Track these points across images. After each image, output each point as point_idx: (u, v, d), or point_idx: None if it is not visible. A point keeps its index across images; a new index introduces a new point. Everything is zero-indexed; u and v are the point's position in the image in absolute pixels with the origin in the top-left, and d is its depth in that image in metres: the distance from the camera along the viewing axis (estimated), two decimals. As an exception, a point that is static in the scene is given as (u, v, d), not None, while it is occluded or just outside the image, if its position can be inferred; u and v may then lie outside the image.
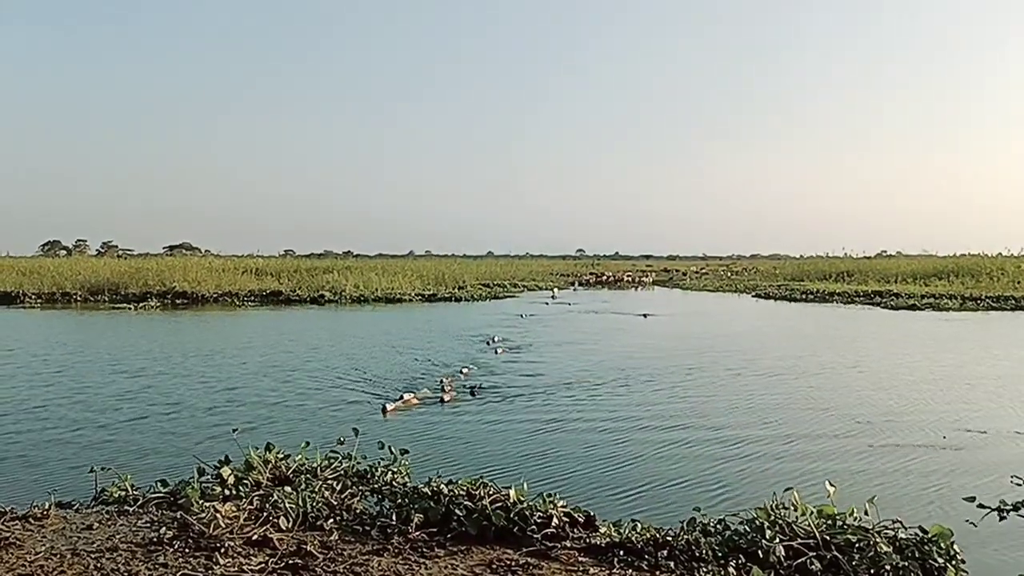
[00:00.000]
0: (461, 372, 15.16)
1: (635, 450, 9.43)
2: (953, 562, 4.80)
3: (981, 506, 6.65)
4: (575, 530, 5.47)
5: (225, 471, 6.26)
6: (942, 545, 4.86)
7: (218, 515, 5.22)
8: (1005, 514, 6.70)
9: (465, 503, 5.59)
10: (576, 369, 15.89)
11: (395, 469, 6.62)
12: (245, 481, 6.24)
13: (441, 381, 13.62)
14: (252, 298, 38.80)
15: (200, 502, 5.61)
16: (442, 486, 5.89)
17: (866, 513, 5.18)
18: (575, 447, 9.59)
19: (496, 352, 18.52)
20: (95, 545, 4.96)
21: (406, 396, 12.35)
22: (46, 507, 5.80)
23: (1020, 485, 7.35)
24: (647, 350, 19.28)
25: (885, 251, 78.88)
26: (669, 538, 5.13)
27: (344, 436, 7.12)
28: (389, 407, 11.60)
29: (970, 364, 16.91)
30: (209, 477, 6.43)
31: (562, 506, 5.67)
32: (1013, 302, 34.69)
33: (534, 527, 5.37)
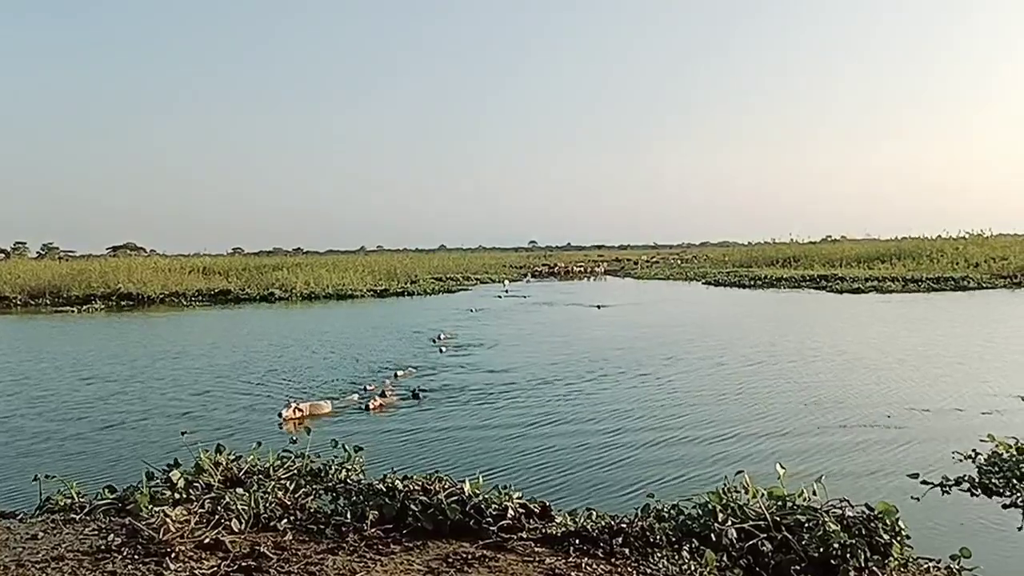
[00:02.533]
0: (396, 375, 14.46)
1: (588, 440, 9.50)
2: (898, 538, 4.93)
3: (924, 482, 6.87)
4: (531, 521, 5.49)
5: (175, 475, 6.14)
6: (888, 522, 4.98)
7: (168, 519, 5.11)
8: (948, 489, 6.94)
9: (420, 498, 5.57)
10: (524, 366, 15.50)
11: (349, 467, 6.57)
12: (196, 484, 6.13)
13: (365, 388, 12.91)
14: (200, 297, 38.16)
15: (149, 507, 5.50)
16: (397, 482, 5.85)
17: (815, 493, 5.30)
18: (525, 442, 9.55)
19: (441, 351, 17.97)
20: (40, 555, 4.83)
21: (301, 406, 11.21)
22: (-12, 518, 5.64)
23: (961, 461, 7.62)
24: (599, 343, 19.23)
25: (830, 236, 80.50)
26: (624, 525, 5.17)
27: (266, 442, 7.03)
28: (285, 413, 10.87)
29: (912, 345, 17.37)
30: (158, 481, 6.30)
31: (518, 498, 5.68)
32: (953, 283, 35.80)
33: (490, 519, 5.37)
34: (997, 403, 11.06)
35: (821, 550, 4.73)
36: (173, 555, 4.71)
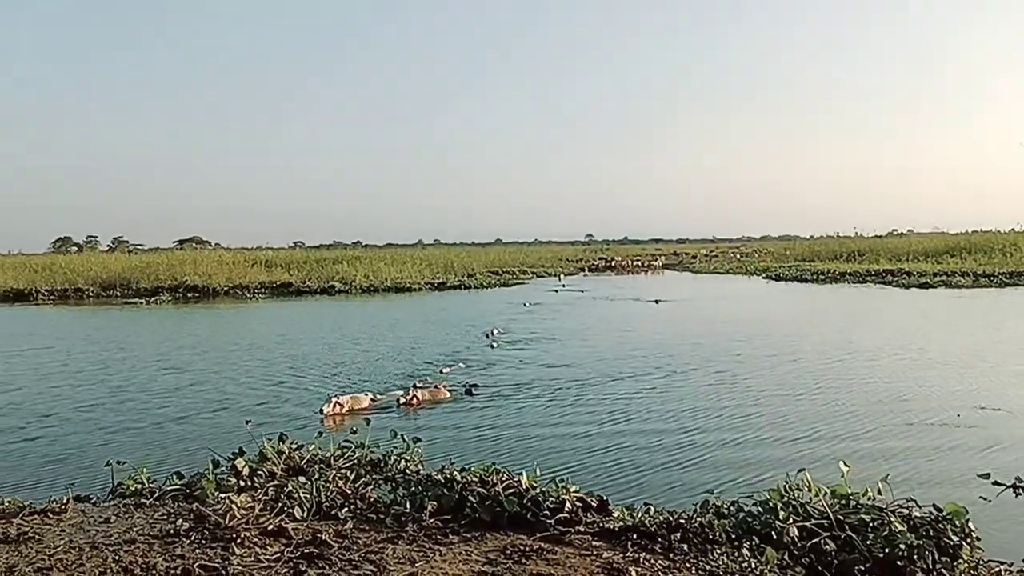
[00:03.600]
0: (442, 371, 14.24)
1: (648, 440, 9.33)
2: (968, 540, 4.79)
3: (996, 483, 6.64)
4: (588, 515, 5.48)
5: (239, 462, 6.30)
6: (957, 523, 4.84)
7: (233, 506, 5.25)
8: (1020, 491, 6.70)
9: (478, 490, 5.61)
10: (582, 362, 15.18)
11: (408, 457, 6.65)
12: (259, 472, 6.29)
13: (415, 384, 12.45)
14: (263, 290, 38.97)
15: (215, 493, 5.66)
16: (455, 473, 5.90)
17: (879, 492, 5.17)
18: (588, 441, 9.35)
19: (492, 346, 17.66)
20: (113, 538, 5.00)
21: (342, 399, 11.05)
22: (64, 501, 5.86)
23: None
24: (659, 339, 18.89)
25: (896, 230, 78.69)
26: (682, 521, 5.13)
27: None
28: (327, 409, 10.75)
29: (983, 341, 16.82)
30: (224, 469, 6.47)
31: (575, 491, 5.68)
32: (1027, 278, 34.46)
33: (547, 512, 5.38)
34: (1074, 403, 10.64)
35: (886, 550, 4.62)
36: (238, 540, 4.84)
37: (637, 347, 16.97)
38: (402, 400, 11.37)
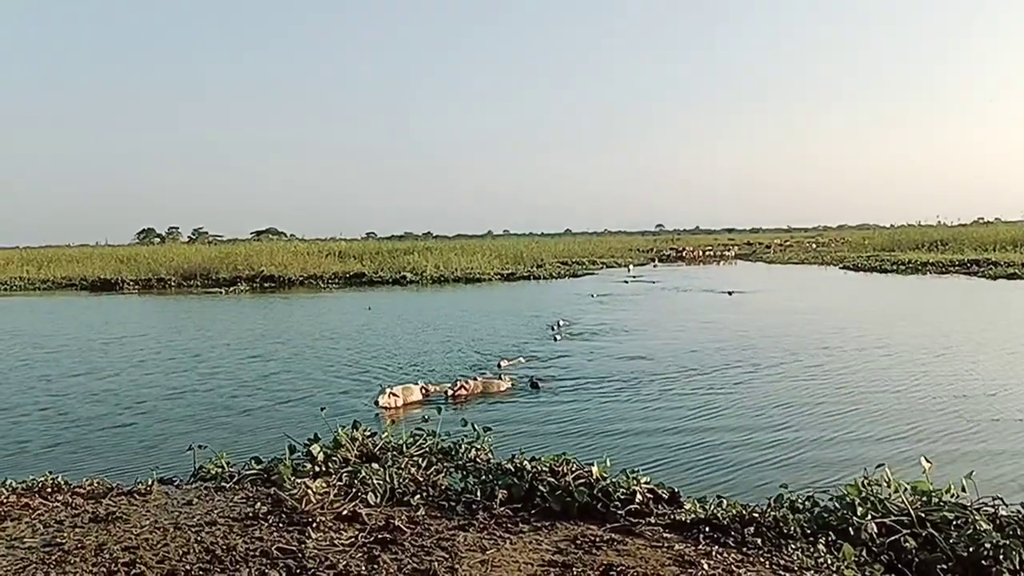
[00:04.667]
0: (500, 363, 13.88)
1: (721, 435, 9.15)
2: (1058, 541, 4.59)
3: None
4: (659, 506, 5.44)
5: (315, 448, 6.45)
6: (1047, 523, 4.65)
7: (309, 491, 5.38)
8: (1116, 491, 6.38)
9: (548, 479, 5.62)
10: (652, 356, 14.67)
11: (478, 446, 6.70)
12: (334, 458, 6.42)
13: (470, 377, 12.09)
14: (336, 280, 39.72)
15: (292, 479, 5.80)
16: (525, 463, 5.93)
17: (963, 490, 5.00)
18: (653, 435, 9.20)
19: (556, 339, 17.33)
20: (195, 519, 5.18)
21: (396, 389, 10.90)
22: (149, 483, 6.09)
23: None
24: (731, 331, 18.40)
25: (982, 218, 75.69)
26: (756, 515, 5.05)
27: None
28: (382, 400, 10.62)
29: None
30: (300, 455, 6.63)
31: (646, 483, 5.64)
32: (1125, 268, 32.72)
33: (618, 503, 5.36)
34: None
35: (970, 550, 4.46)
36: (314, 524, 4.96)
37: (708, 340, 16.67)
38: (451, 392, 11.28)
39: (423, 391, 11.38)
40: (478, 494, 5.62)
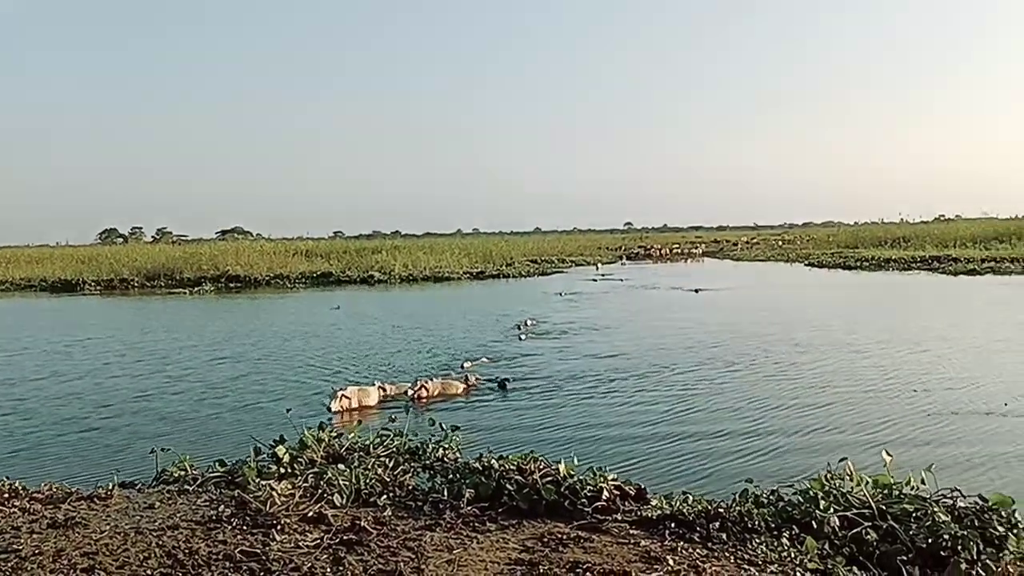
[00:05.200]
0: (463, 364, 13.57)
1: (688, 431, 9.19)
2: (1015, 531, 4.67)
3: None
4: (626, 503, 5.46)
5: (280, 450, 6.39)
6: (1003, 514, 4.73)
7: (274, 493, 5.33)
8: (1070, 481, 6.53)
9: (516, 478, 5.62)
10: (618, 353, 14.78)
11: (446, 445, 6.69)
12: (300, 460, 6.36)
13: (416, 380, 11.66)
14: (303, 280, 39.39)
15: (257, 480, 5.74)
16: (493, 461, 5.92)
17: (923, 482, 5.08)
18: (619, 433, 9.22)
19: (521, 339, 17.18)
20: (157, 523, 5.11)
21: (348, 392, 10.62)
22: (110, 487, 5.99)
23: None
24: (696, 331, 18.28)
25: (943, 215, 76.94)
26: (721, 510, 5.08)
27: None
28: (333, 405, 10.35)
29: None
30: (265, 456, 6.57)
31: (612, 480, 5.66)
32: (1080, 264, 33.50)
33: (585, 501, 5.37)
34: None
35: (930, 541, 4.54)
36: (279, 526, 4.91)
37: (678, 338, 16.78)
38: (411, 393, 11.08)
39: (381, 392, 11.16)
40: (445, 494, 5.61)
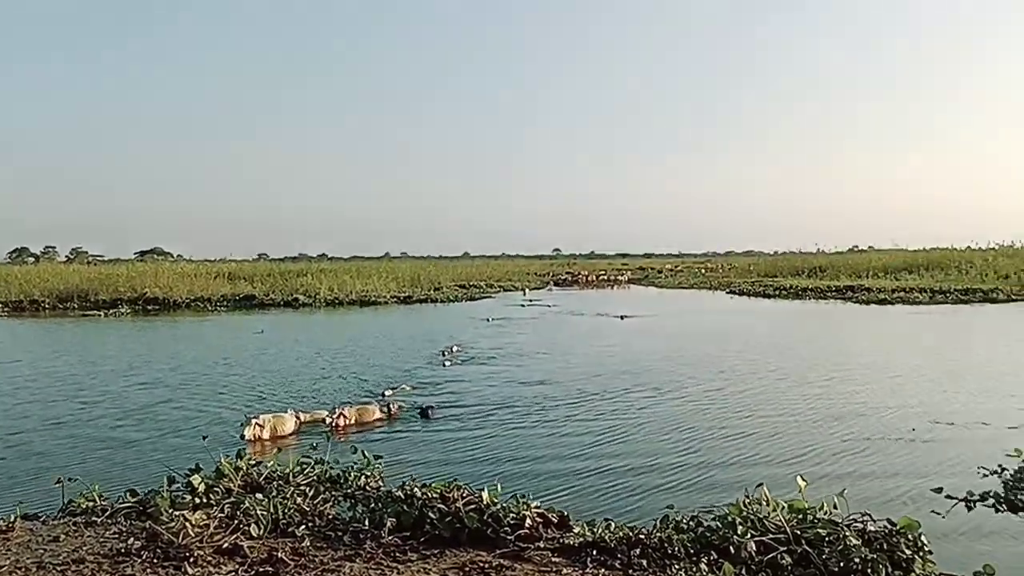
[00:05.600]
0: (384, 393, 13.40)
1: (611, 457, 9.34)
2: (920, 553, 4.84)
3: (949, 497, 6.75)
4: (549, 531, 5.46)
5: (195, 479, 6.18)
6: (910, 537, 4.90)
7: (187, 524, 5.15)
8: (972, 504, 6.80)
9: (438, 506, 5.56)
10: (542, 379, 14.83)
11: (368, 473, 6.58)
12: (216, 489, 6.17)
13: (334, 408, 11.51)
14: (225, 303, 38.51)
15: (169, 511, 5.54)
16: (415, 489, 5.85)
17: (836, 507, 5.22)
18: (542, 460, 9.26)
19: (445, 365, 17.08)
20: (61, 557, 4.88)
21: (261, 419, 10.39)
22: (11, 520, 5.70)
23: (986, 476, 7.48)
24: (623, 357, 18.59)
25: (857, 246, 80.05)
26: (642, 536, 5.13)
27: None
28: (247, 433, 10.08)
29: (938, 357, 17.14)
30: (180, 486, 6.35)
31: (536, 507, 5.66)
32: (981, 295, 35.23)
33: (508, 528, 5.35)
34: (1024, 417, 10.89)
35: (842, 564, 4.67)
36: (192, 559, 4.75)
37: (603, 364, 17.01)
38: (328, 421, 10.88)
39: (296, 420, 10.91)
40: (366, 523, 5.51)
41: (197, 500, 5.93)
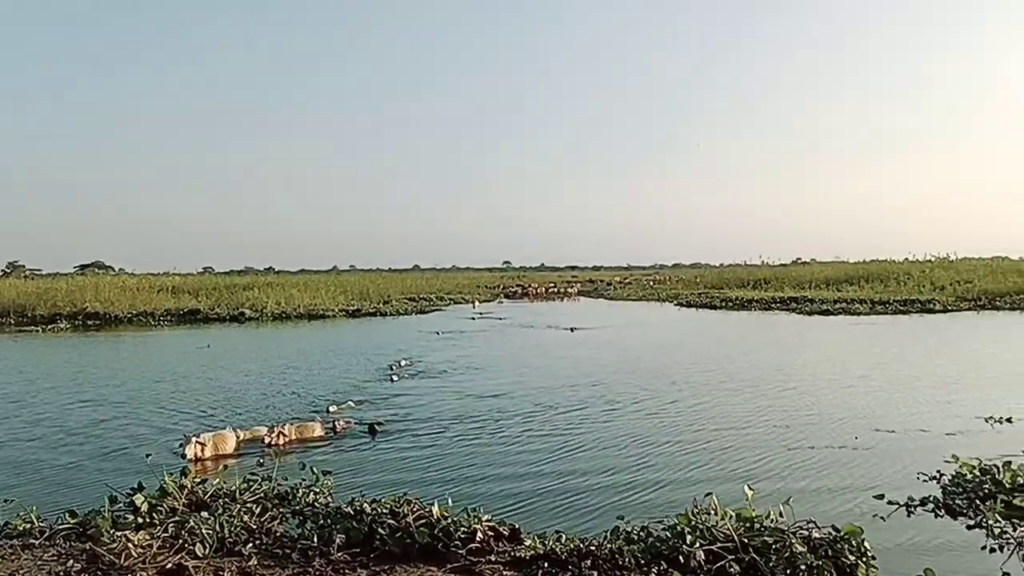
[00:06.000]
0: (328, 409, 13.08)
1: (563, 469, 9.32)
2: (864, 559, 4.97)
3: (890, 503, 6.93)
4: (500, 544, 5.47)
5: (138, 498, 6.04)
6: (853, 543, 5.02)
7: (130, 544, 5.04)
8: (912, 510, 6.99)
9: (388, 521, 5.52)
10: (488, 395, 14.60)
11: (317, 490, 6.50)
12: (160, 508, 6.04)
13: (273, 426, 11.03)
14: (169, 317, 37.72)
15: (111, 531, 5.40)
16: (365, 505, 5.81)
17: (782, 515, 5.33)
18: (494, 473, 9.22)
19: (393, 380, 16.75)
20: (-4, 582, 4.73)
21: (203, 437, 10.00)
22: (-57, 544, 5.50)
23: (926, 482, 7.70)
24: (572, 370, 18.55)
25: (800, 258, 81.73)
26: (593, 548, 5.16)
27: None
28: (188, 452, 9.70)
29: (879, 366, 17.56)
30: (122, 506, 6.20)
31: (487, 520, 5.65)
32: (919, 305, 36.35)
33: (458, 543, 5.34)
34: (961, 424, 11.21)
35: (788, 571, 4.76)
36: (134, 581, 4.63)
37: (552, 377, 17.05)
38: (267, 439, 10.60)
39: (237, 438, 10.59)
40: (315, 540, 5.45)
41: (140, 520, 5.80)
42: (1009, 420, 11.37)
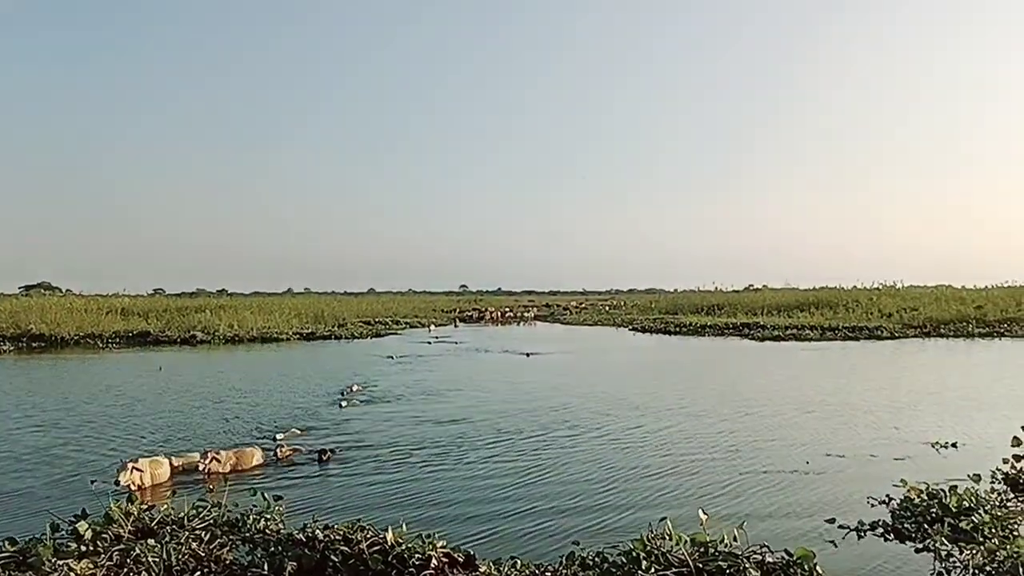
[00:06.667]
0: (276, 437, 12.70)
1: (512, 494, 9.32)
2: (816, 582, 5.02)
3: (841, 527, 7.04)
4: (455, 571, 5.41)
5: (82, 526, 5.86)
6: (806, 567, 5.08)
7: (71, 573, 4.88)
8: (863, 534, 7.10)
9: (342, 548, 5.45)
10: (445, 421, 14.49)
11: (268, 516, 6.37)
12: (104, 535, 5.86)
13: (207, 452, 10.66)
14: (117, 340, 36.91)
15: (52, 560, 5.24)
16: (317, 532, 5.71)
17: (736, 539, 5.37)
18: (446, 500, 9.21)
19: (341, 406, 16.42)
20: (-71, 614, 4.53)
21: (140, 463, 9.71)
22: None
23: (875, 506, 7.83)
24: (531, 395, 18.37)
25: (752, 285, 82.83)
26: (548, 574, 5.14)
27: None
28: (123, 478, 9.32)
29: (828, 392, 17.87)
30: (64, 533, 6.01)
31: (442, 547, 5.59)
32: (867, 331, 37.22)
33: (413, 570, 5.28)
34: (908, 449, 11.46)
35: (742, 596, 4.78)
36: (76, 612, 4.48)
37: (507, 403, 17.02)
38: (201, 467, 10.32)
39: (171, 464, 10.30)
40: (265, 568, 5.35)
41: (83, 548, 5.63)
42: (955, 445, 11.66)
